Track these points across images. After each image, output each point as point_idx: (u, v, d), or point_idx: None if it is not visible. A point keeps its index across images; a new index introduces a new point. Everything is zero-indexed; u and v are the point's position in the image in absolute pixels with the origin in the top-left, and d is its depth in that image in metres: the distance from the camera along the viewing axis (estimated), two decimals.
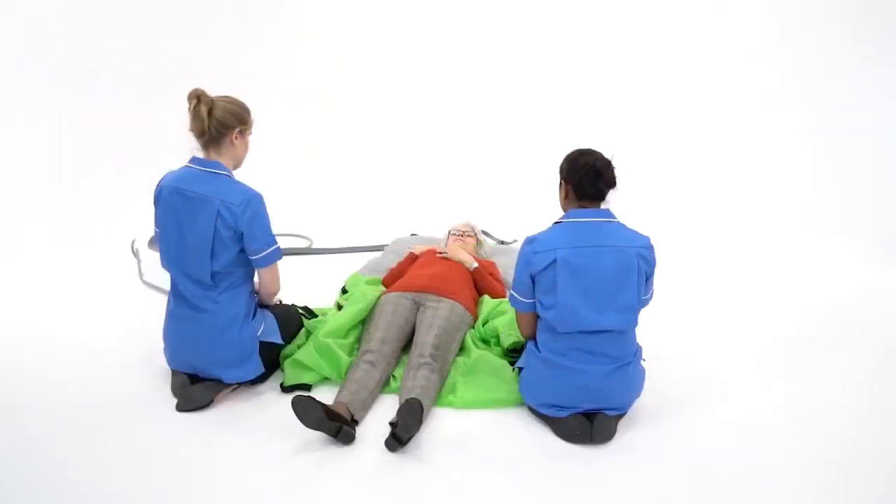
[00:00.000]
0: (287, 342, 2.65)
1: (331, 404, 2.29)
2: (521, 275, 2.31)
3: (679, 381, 2.67)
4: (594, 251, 2.22)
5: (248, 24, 5.36)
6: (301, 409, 2.12)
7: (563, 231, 2.27)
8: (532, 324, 2.41)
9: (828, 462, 2.20)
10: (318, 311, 2.98)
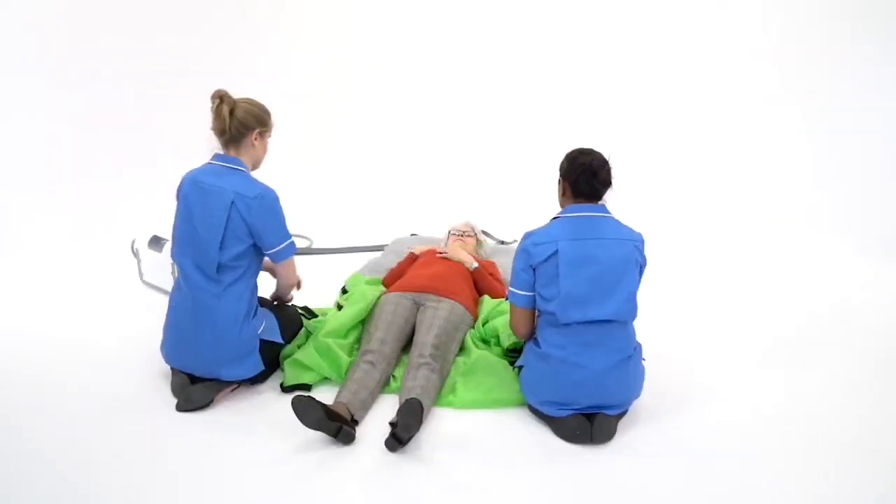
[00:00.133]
0: (287, 342, 2.66)
1: (331, 404, 2.29)
2: (520, 268, 2.33)
3: (679, 381, 2.67)
4: (595, 243, 2.26)
5: (248, 24, 5.36)
6: (301, 409, 2.12)
7: (562, 224, 2.30)
8: (529, 321, 2.42)
9: (828, 462, 2.20)
10: (318, 311, 2.98)
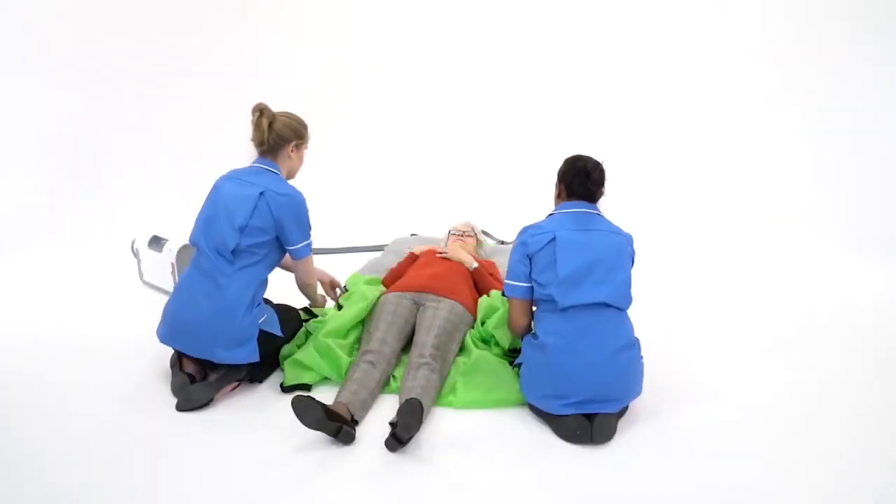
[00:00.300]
0: (286, 337, 2.67)
1: (331, 404, 2.29)
2: (518, 259, 2.42)
3: (679, 381, 2.67)
4: (590, 233, 2.37)
5: (248, 24, 5.36)
6: (301, 409, 2.12)
7: (558, 218, 2.42)
8: (527, 313, 2.47)
9: (828, 461, 2.20)
10: (318, 311, 2.98)
